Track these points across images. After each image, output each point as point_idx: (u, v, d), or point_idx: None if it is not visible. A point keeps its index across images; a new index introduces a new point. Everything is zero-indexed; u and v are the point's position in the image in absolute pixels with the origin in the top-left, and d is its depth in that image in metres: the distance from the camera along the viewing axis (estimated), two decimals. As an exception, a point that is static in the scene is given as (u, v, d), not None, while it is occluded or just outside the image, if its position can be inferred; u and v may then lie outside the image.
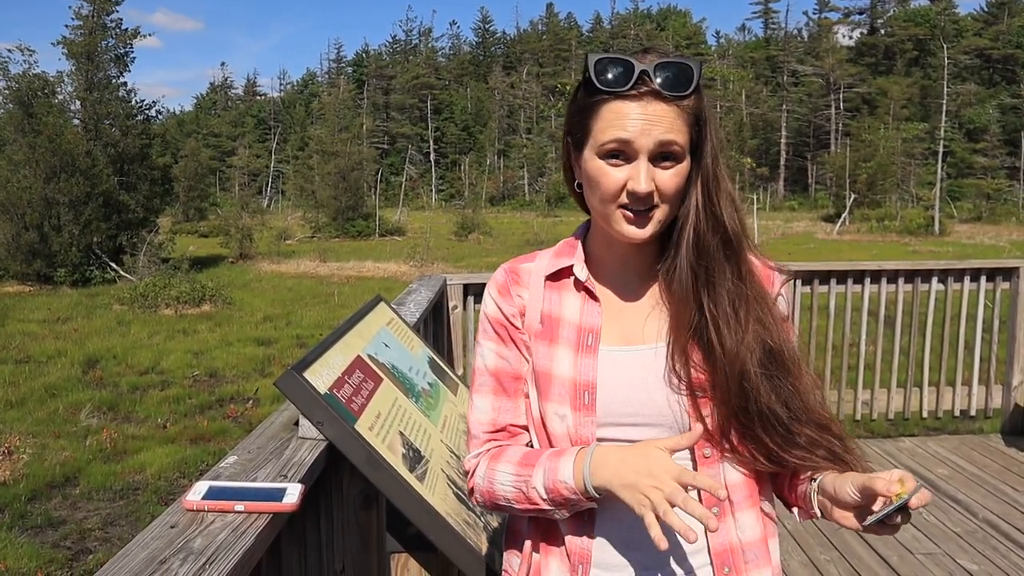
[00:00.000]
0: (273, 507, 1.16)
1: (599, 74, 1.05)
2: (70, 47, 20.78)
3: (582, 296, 1.19)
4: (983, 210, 43.00)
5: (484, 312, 1.26)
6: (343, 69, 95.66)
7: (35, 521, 5.01)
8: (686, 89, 1.04)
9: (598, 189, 1.08)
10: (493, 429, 1.22)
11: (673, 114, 1.04)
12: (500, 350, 1.23)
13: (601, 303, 1.18)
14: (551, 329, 1.19)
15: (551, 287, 1.22)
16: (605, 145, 1.06)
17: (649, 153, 1.04)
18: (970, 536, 3.49)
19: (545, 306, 1.21)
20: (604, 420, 1.13)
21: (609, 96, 1.05)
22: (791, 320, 1.21)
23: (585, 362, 1.15)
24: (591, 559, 1.13)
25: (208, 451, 6.29)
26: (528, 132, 75.07)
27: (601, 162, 1.07)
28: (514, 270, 1.25)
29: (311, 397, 1.41)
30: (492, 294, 1.25)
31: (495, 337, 1.23)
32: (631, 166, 1.05)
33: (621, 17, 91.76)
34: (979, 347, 4.85)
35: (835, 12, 79.53)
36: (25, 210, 18.21)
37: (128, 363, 9.53)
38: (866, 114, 58.23)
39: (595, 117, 1.07)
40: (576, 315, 1.18)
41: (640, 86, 1.03)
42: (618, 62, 1.04)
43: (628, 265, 1.18)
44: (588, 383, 1.13)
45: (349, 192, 34.23)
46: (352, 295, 15.43)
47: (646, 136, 1.03)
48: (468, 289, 4.35)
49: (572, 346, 1.16)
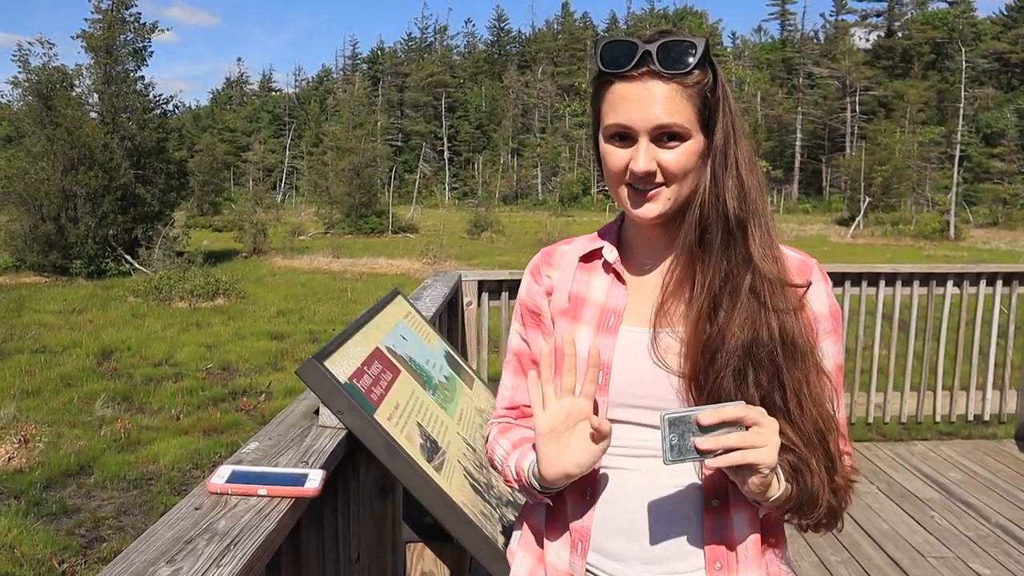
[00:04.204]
0: (295, 492, 1.18)
1: (603, 57, 1.07)
2: (89, 41, 20.96)
3: (610, 278, 1.20)
4: (999, 215, 42.66)
5: (519, 294, 1.32)
6: (358, 66, 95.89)
7: (50, 508, 5.07)
8: (685, 66, 1.04)
9: (608, 170, 1.11)
10: (508, 406, 1.32)
11: (674, 93, 1.04)
12: (523, 332, 1.30)
13: (628, 285, 1.19)
14: (576, 308, 1.21)
15: (583, 268, 1.24)
16: (608, 127, 1.08)
17: (648, 134, 1.05)
18: (982, 540, 3.47)
19: (574, 286, 1.23)
20: (617, 401, 1.14)
21: (613, 78, 1.07)
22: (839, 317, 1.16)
23: (604, 342, 1.16)
24: (590, 539, 1.15)
25: (221, 443, 6.33)
26: (542, 131, 75.01)
27: (608, 144, 1.09)
28: (549, 251, 1.30)
29: (332, 386, 1.43)
30: (526, 277, 1.31)
31: (520, 319, 1.31)
32: (634, 147, 1.06)
33: (637, 17, 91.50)
34: (994, 352, 4.82)
35: (852, 14, 79.13)
36: (43, 202, 18.37)
37: (142, 355, 9.60)
38: (882, 117, 57.75)
39: (601, 100, 1.09)
40: (602, 296, 1.20)
41: (641, 66, 1.04)
42: (622, 44, 1.06)
43: (654, 247, 1.18)
44: (604, 363, 1.14)
45: (363, 189, 34.33)
46: (365, 291, 15.48)
47: (643, 118, 1.04)
48: (483, 286, 4.36)
49: (593, 325, 1.18)
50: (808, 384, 1.06)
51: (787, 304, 1.07)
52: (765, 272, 1.07)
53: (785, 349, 1.05)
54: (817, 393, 1.07)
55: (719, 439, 0.95)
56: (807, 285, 1.11)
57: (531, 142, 73.00)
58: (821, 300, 1.14)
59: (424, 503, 1.50)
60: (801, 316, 1.09)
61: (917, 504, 3.86)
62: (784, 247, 1.14)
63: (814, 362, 1.08)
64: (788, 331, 1.06)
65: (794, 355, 1.06)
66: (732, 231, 1.07)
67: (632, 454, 1.13)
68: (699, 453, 0.96)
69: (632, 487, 1.13)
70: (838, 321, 1.16)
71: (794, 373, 1.05)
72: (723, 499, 1.11)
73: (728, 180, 1.07)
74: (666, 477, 1.11)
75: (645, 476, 1.12)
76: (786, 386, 1.05)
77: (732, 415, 0.96)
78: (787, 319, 1.06)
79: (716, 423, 0.95)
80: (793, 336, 1.06)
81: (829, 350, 1.14)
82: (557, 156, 67.90)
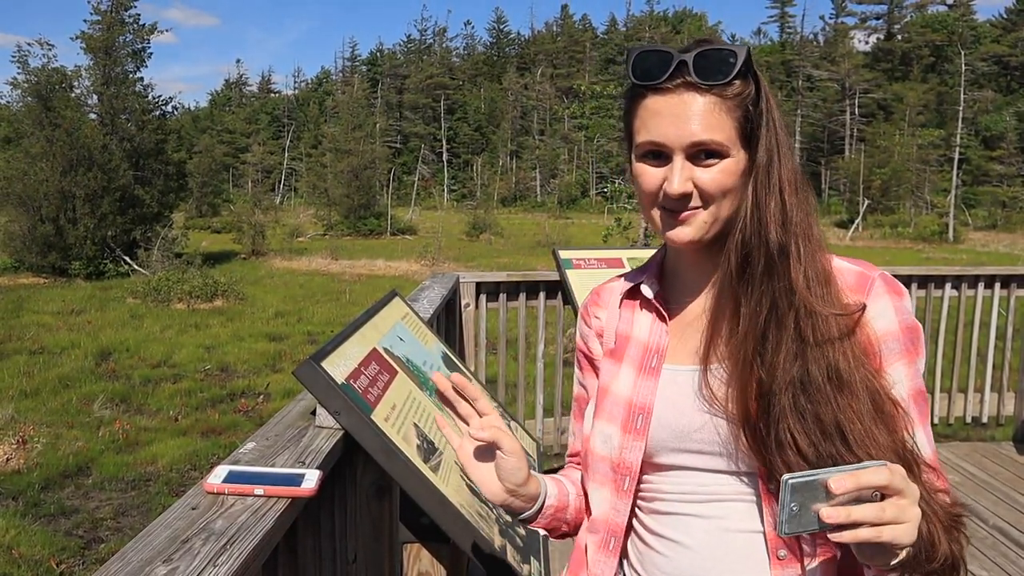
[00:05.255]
0: (292, 491, 1.18)
1: (635, 68, 0.98)
2: (88, 42, 20.96)
3: (652, 315, 1.12)
4: (998, 218, 42.73)
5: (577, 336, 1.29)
6: (357, 68, 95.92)
7: (48, 509, 5.07)
8: (724, 76, 0.94)
9: (640, 191, 1.02)
10: (572, 452, 1.31)
11: (712, 106, 0.95)
12: (580, 377, 1.25)
13: (669, 321, 1.10)
14: (621, 347, 1.14)
15: (627, 305, 1.17)
16: (641, 146, 1.00)
17: (684, 151, 0.96)
18: (980, 543, 3.47)
19: (621, 325, 1.16)
20: (660, 445, 1.05)
21: (645, 91, 0.98)
22: (917, 334, 1.01)
23: (645, 384, 1.08)
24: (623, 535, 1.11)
25: (219, 444, 6.33)
26: (541, 133, 75.10)
27: (641, 163, 1.01)
28: (598, 291, 1.24)
29: (329, 386, 1.43)
30: (579, 319, 1.27)
31: (577, 364, 1.27)
32: (668, 166, 0.98)
33: (636, 19, 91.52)
34: (992, 354, 4.83)
35: (852, 17, 79.23)
36: (41, 203, 18.38)
37: (141, 356, 9.60)
38: (881, 120, 57.86)
39: (633, 116, 1.01)
40: (644, 334, 1.12)
41: (676, 78, 0.96)
42: (655, 53, 0.97)
43: (695, 276, 1.09)
44: (644, 406, 1.06)
45: (361, 190, 34.38)
46: (363, 293, 15.49)
47: (677, 134, 0.96)
48: (481, 287, 4.36)
49: (636, 365, 1.10)
50: (861, 420, 0.91)
51: (836, 333, 0.95)
52: (809, 302, 0.95)
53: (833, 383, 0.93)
54: (870, 428, 0.91)
55: (852, 513, 0.77)
56: (861, 309, 0.97)
57: (530, 144, 73.07)
58: (888, 317, 0.99)
59: (421, 504, 1.50)
60: (853, 342, 0.96)
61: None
62: (841, 259, 1.03)
63: (870, 391, 0.93)
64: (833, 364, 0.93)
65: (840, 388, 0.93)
66: (774, 258, 0.96)
67: (688, 500, 1.04)
68: (822, 524, 0.78)
69: (688, 537, 1.03)
70: (915, 339, 1.00)
71: (845, 409, 0.92)
72: (792, 550, 0.98)
73: (771, 202, 0.96)
74: (727, 524, 1.01)
75: (703, 524, 1.02)
76: (842, 425, 0.91)
77: (871, 482, 0.77)
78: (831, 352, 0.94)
79: (851, 491, 0.77)
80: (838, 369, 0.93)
81: (901, 373, 0.99)
82: (556, 158, 67.98)
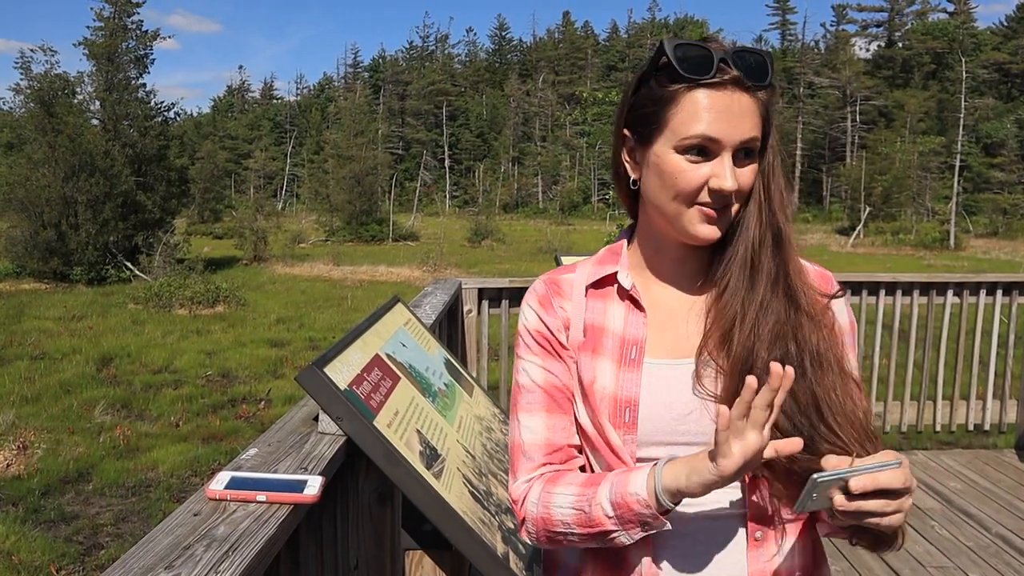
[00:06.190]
0: (294, 498, 1.18)
1: (681, 60, 0.97)
2: (91, 48, 21.06)
3: (626, 305, 1.11)
4: (999, 225, 42.69)
5: (524, 326, 1.17)
6: (360, 74, 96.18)
7: (48, 515, 5.06)
8: (765, 79, 0.98)
9: (675, 186, 1.00)
10: (549, 450, 1.12)
11: (756, 106, 0.99)
12: (547, 364, 1.14)
13: (647, 313, 1.10)
14: (594, 340, 1.11)
15: (594, 296, 1.14)
16: (687, 140, 0.98)
17: (733, 149, 0.98)
18: (983, 551, 3.46)
19: (589, 316, 1.12)
20: (647, 439, 1.06)
21: (691, 84, 0.98)
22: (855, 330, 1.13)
23: (627, 377, 1.07)
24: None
25: (220, 450, 6.33)
26: (543, 140, 75.19)
27: (679, 157, 0.99)
28: (554, 281, 1.17)
29: (331, 392, 1.43)
30: (533, 306, 1.16)
31: (540, 351, 1.15)
32: (714, 162, 0.98)
33: (638, 27, 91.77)
34: (994, 361, 4.82)
35: (852, 24, 79.33)
36: (44, 208, 18.42)
37: (142, 361, 9.60)
38: (882, 127, 57.86)
39: (674, 108, 0.99)
40: (620, 326, 1.10)
41: (721, 74, 0.97)
42: (696, 47, 0.98)
43: (681, 270, 1.11)
44: (630, 399, 1.06)
45: (363, 197, 34.45)
46: (365, 299, 15.49)
47: (731, 133, 0.97)
48: (483, 293, 4.37)
49: (615, 359, 1.09)
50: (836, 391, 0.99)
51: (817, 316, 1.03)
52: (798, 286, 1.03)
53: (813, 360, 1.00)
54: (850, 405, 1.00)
55: (862, 507, 0.88)
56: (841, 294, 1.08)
57: (532, 150, 73.15)
58: (844, 313, 1.10)
59: (423, 510, 1.49)
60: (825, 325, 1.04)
61: (917, 514, 3.85)
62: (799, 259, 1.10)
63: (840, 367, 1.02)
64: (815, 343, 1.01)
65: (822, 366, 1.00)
66: (781, 245, 1.03)
67: None
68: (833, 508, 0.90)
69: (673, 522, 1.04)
70: (855, 335, 1.13)
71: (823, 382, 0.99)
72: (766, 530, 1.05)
73: (775, 195, 1.03)
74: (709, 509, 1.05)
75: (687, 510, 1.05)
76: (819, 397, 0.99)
77: (889, 485, 0.87)
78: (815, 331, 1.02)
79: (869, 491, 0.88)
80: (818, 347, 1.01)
81: (852, 363, 1.08)
82: (558, 164, 68.04)
